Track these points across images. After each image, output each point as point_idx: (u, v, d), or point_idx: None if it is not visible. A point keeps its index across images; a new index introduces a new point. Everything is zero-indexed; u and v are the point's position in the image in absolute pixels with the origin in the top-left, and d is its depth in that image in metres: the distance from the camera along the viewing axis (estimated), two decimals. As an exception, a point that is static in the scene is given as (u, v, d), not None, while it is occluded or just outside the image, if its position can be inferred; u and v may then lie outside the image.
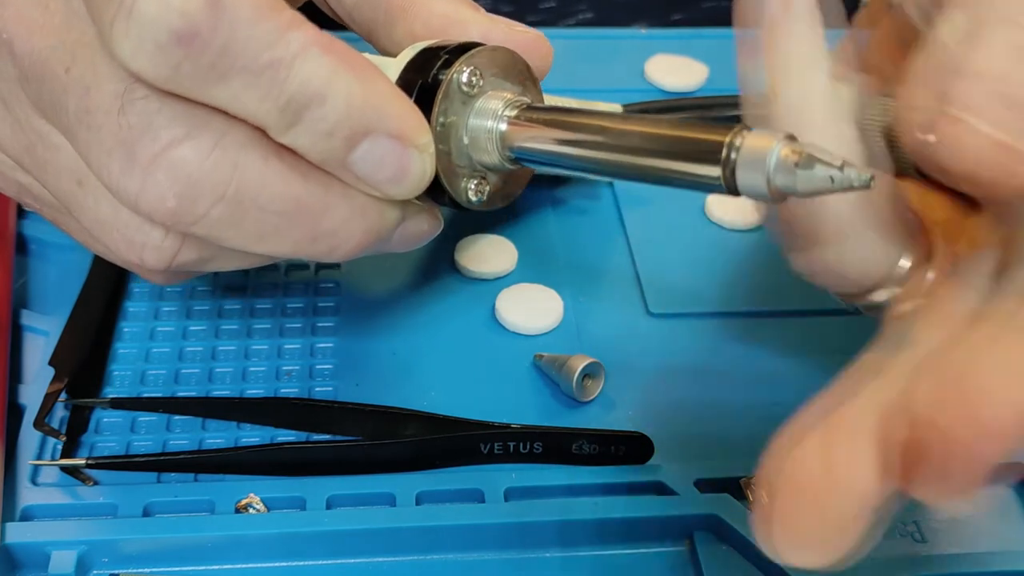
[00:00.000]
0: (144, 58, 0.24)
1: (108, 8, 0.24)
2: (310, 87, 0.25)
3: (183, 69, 0.24)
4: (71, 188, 0.28)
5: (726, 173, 0.22)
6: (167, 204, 0.26)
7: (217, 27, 0.24)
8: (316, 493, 0.33)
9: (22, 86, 0.28)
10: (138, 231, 0.28)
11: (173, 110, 0.25)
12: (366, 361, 0.38)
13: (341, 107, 0.25)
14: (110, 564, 0.31)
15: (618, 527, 0.32)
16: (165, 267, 0.29)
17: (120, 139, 0.26)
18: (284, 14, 0.25)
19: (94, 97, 0.26)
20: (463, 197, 0.28)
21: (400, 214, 0.28)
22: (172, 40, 0.24)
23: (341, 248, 0.28)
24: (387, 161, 0.26)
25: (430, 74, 0.27)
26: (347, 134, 0.26)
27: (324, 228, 0.27)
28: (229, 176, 0.26)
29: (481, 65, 0.27)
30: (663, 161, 0.24)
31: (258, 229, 0.27)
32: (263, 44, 0.24)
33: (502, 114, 0.28)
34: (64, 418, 0.35)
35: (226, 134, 0.26)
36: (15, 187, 0.31)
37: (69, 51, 0.26)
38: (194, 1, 0.23)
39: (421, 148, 0.27)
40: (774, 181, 0.21)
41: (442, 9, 0.30)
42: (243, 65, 0.24)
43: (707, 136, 0.23)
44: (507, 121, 0.28)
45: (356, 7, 0.31)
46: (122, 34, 0.24)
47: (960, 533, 0.33)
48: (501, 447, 0.34)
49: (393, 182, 0.27)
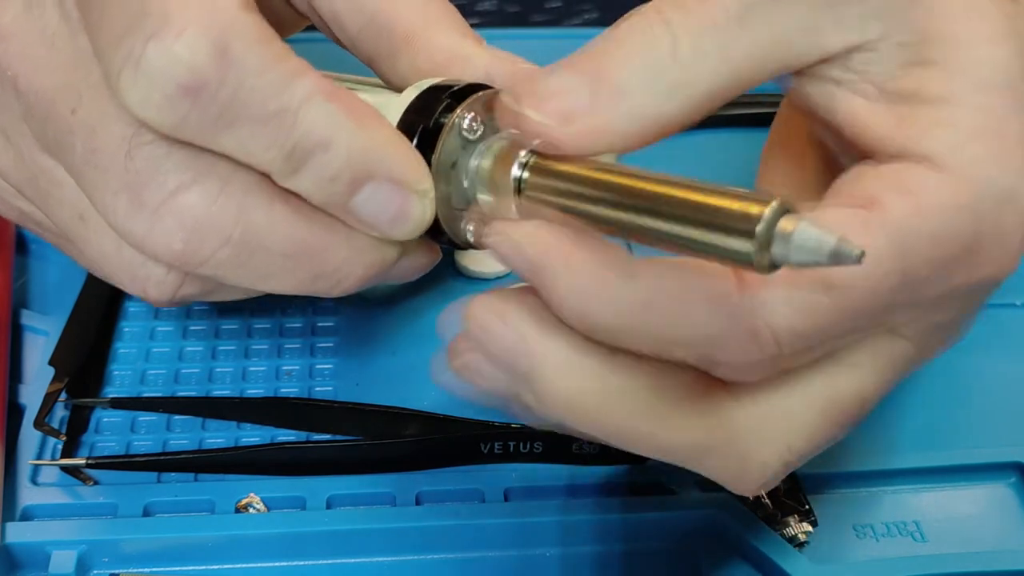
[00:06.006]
0: (152, 108, 0.24)
1: (115, 57, 0.24)
2: (314, 134, 0.25)
3: (190, 119, 0.24)
4: (74, 222, 0.29)
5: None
6: (174, 248, 0.26)
7: (224, 78, 0.24)
8: (316, 493, 0.33)
9: (26, 122, 0.28)
10: (141, 267, 0.28)
11: (180, 155, 0.26)
12: (366, 361, 0.38)
13: (344, 153, 0.26)
14: (110, 564, 0.31)
15: (618, 527, 0.32)
16: (167, 300, 0.29)
17: (127, 182, 0.26)
18: (289, 62, 0.25)
19: (100, 139, 0.26)
20: (461, 238, 0.29)
21: (399, 251, 0.29)
22: (179, 92, 0.24)
23: (342, 285, 0.28)
24: (388, 205, 0.27)
25: (432, 118, 0.27)
26: (350, 179, 0.26)
27: (326, 267, 0.28)
28: (235, 220, 0.26)
29: (483, 109, 0.27)
30: (686, 228, 0.22)
31: (263, 269, 0.27)
32: (269, 94, 0.24)
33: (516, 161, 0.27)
34: (64, 418, 0.35)
35: (231, 179, 0.26)
36: (17, 213, 0.31)
37: (75, 91, 0.27)
38: (201, 53, 0.24)
39: (421, 193, 0.27)
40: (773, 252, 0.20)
41: (445, 43, 0.30)
42: (249, 114, 0.24)
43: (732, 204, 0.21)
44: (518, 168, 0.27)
45: (359, 37, 0.31)
46: (130, 84, 0.24)
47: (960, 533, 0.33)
48: (501, 447, 0.34)
49: (394, 225, 0.27)
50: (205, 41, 0.24)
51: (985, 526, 0.34)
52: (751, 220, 0.20)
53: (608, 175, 0.24)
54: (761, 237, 0.20)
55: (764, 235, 0.20)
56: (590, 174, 0.24)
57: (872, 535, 0.33)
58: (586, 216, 0.24)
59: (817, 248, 0.20)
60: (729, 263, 0.21)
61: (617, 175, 0.23)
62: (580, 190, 0.24)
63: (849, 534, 0.33)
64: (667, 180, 0.22)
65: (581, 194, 0.24)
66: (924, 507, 0.34)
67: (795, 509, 0.32)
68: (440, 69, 0.29)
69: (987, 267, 0.25)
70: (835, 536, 0.33)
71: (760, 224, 0.20)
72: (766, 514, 0.32)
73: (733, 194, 0.21)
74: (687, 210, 0.22)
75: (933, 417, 0.36)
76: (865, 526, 0.33)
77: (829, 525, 0.33)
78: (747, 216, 0.21)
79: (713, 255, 0.22)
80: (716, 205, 0.21)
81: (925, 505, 0.34)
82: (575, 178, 0.24)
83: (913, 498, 0.34)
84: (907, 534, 0.33)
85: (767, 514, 0.32)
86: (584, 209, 0.24)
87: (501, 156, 0.26)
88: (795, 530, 0.32)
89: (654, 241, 0.23)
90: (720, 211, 0.21)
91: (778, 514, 0.32)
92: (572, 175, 0.24)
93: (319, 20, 0.31)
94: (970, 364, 0.38)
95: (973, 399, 0.37)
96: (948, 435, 0.36)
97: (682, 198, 0.22)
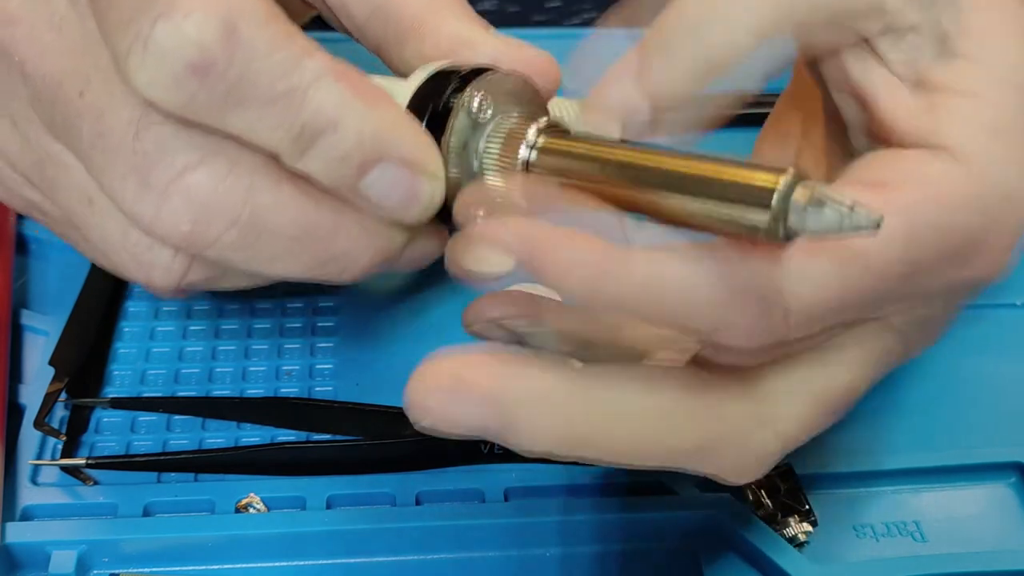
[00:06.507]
0: (160, 88, 0.24)
1: (124, 38, 0.24)
2: (323, 115, 0.25)
3: (198, 99, 0.24)
4: (80, 207, 0.28)
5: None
6: (182, 228, 0.26)
7: (233, 58, 0.24)
8: (316, 493, 0.33)
9: (33, 106, 0.28)
10: (147, 251, 0.28)
11: (188, 136, 0.25)
12: (366, 361, 0.38)
13: (353, 135, 0.25)
14: (110, 564, 0.31)
15: (618, 527, 0.32)
16: (173, 287, 0.29)
17: (135, 164, 0.26)
18: (298, 42, 0.25)
19: (108, 122, 0.26)
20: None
21: (408, 236, 0.29)
22: (188, 71, 0.24)
23: (350, 270, 0.28)
24: (397, 187, 0.26)
25: (441, 100, 0.27)
26: (359, 161, 0.26)
27: (334, 251, 0.27)
28: (243, 201, 0.26)
29: (491, 91, 0.27)
30: (699, 201, 0.22)
31: (270, 252, 0.27)
32: (278, 73, 0.24)
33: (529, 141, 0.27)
34: (64, 418, 0.35)
35: (240, 160, 0.26)
36: (23, 203, 0.31)
37: (83, 75, 0.26)
38: (210, 32, 0.23)
39: (431, 175, 0.27)
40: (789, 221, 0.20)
41: (453, 29, 0.30)
42: (258, 94, 0.24)
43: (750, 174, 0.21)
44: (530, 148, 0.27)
45: (366, 24, 0.30)
46: (138, 65, 0.24)
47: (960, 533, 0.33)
48: (501, 447, 0.34)
49: (403, 207, 0.27)
50: (213, 20, 0.24)
51: (985, 526, 0.34)
52: (766, 191, 0.20)
53: (619, 152, 0.24)
54: (777, 207, 0.20)
55: (780, 205, 0.20)
56: (601, 151, 0.24)
57: (872, 535, 0.33)
58: (597, 193, 0.24)
59: (833, 216, 0.20)
60: (745, 235, 0.21)
61: (628, 152, 0.23)
62: (591, 168, 0.24)
63: (849, 534, 0.33)
64: (678, 154, 0.22)
65: (591, 172, 0.24)
66: (924, 507, 0.34)
67: (795, 509, 0.32)
68: (447, 55, 0.29)
69: (982, 265, 0.26)
70: (835, 536, 0.33)
71: (775, 194, 0.20)
72: (766, 514, 0.32)
73: (748, 165, 0.21)
74: (700, 183, 0.22)
75: (933, 417, 0.36)
76: (865, 526, 0.33)
77: (829, 525, 0.33)
78: (762, 187, 0.21)
79: (729, 228, 0.21)
80: (730, 178, 0.21)
81: (925, 505, 0.34)
82: (586, 156, 0.24)
83: (913, 498, 0.34)
84: (907, 534, 0.33)
85: (767, 514, 0.32)
86: (595, 186, 0.24)
87: (511, 136, 0.26)
88: (795, 530, 0.32)
89: (667, 216, 0.23)
90: (735, 183, 0.21)
91: (778, 514, 0.32)
92: (583, 154, 0.24)
93: (326, 8, 0.31)
94: (970, 364, 0.38)
95: (973, 399, 0.37)
96: (948, 435, 0.36)
97: (695, 172, 0.22)
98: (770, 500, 0.32)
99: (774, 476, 0.33)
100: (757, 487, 0.33)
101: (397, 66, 0.31)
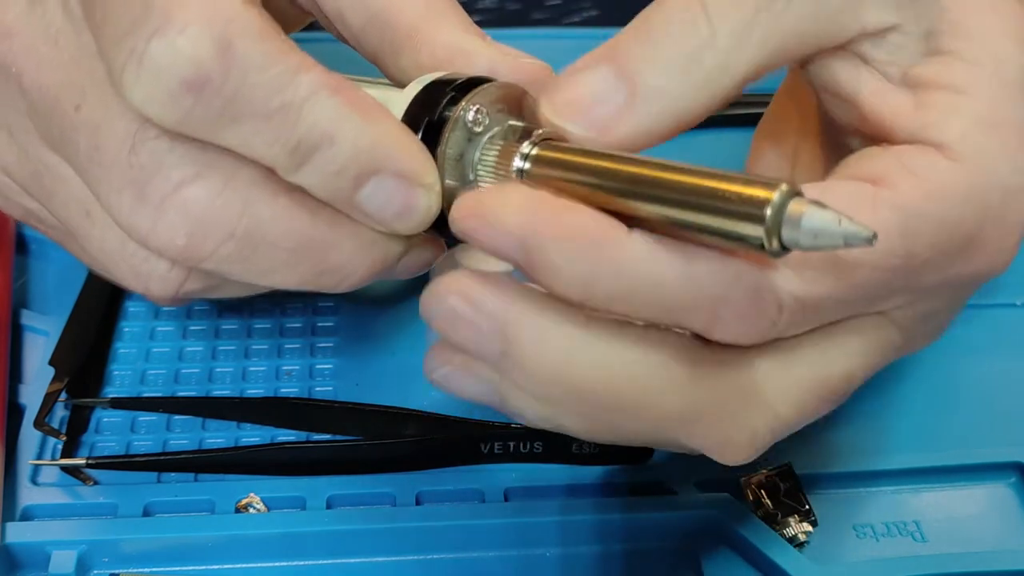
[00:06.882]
0: (155, 104, 0.24)
1: (119, 53, 0.24)
2: (319, 129, 0.25)
3: (194, 114, 0.24)
4: (78, 218, 0.29)
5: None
6: (178, 242, 0.26)
7: (228, 74, 0.24)
8: (316, 493, 0.33)
9: (30, 119, 0.28)
10: (145, 262, 0.28)
11: (183, 150, 0.26)
12: (366, 361, 0.38)
13: (349, 148, 0.25)
14: (110, 564, 0.31)
15: (618, 527, 0.32)
16: (171, 296, 0.29)
17: (131, 178, 0.26)
18: (293, 57, 0.25)
19: (104, 135, 0.26)
20: None
21: (404, 246, 0.29)
22: (183, 87, 0.24)
23: (347, 280, 0.28)
24: (394, 199, 0.26)
25: (436, 111, 0.27)
26: (355, 174, 0.26)
27: (331, 262, 0.27)
28: (239, 215, 0.26)
29: (487, 102, 0.27)
30: (697, 215, 0.22)
31: (267, 264, 0.27)
32: (273, 89, 0.24)
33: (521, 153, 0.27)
34: (64, 418, 0.35)
35: (236, 174, 0.26)
36: (21, 211, 0.31)
37: (79, 88, 0.27)
38: (205, 48, 0.24)
39: (427, 187, 0.27)
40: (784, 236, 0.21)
41: (449, 39, 0.30)
42: (253, 110, 0.24)
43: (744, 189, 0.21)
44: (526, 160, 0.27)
45: (362, 33, 0.30)
46: (133, 80, 0.24)
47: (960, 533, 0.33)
48: (501, 447, 0.34)
49: (399, 219, 0.27)
50: (208, 36, 0.24)
51: (985, 526, 0.34)
52: (760, 205, 0.21)
53: (614, 163, 0.24)
54: (771, 222, 0.20)
55: (774, 220, 0.20)
56: (596, 163, 0.24)
57: (872, 535, 0.33)
58: (592, 203, 0.24)
59: (827, 231, 0.20)
60: (739, 248, 0.22)
61: (624, 163, 0.23)
62: (586, 179, 0.24)
63: (849, 534, 0.33)
64: (673, 166, 0.23)
65: (587, 182, 0.24)
66: (924, 507, 0.34)
67: (795, 509, 0.32)
68: (443, 64, 0.29)
69: (984, 260, 0.26)
70: (835, 536, 0.33)
71: (769, 209, 0.20)
72: (766, 514, 0.32)
73: (742, 179, 0.21)
74: (695, 196, 0.22)
75: (933, 417, 0.36)
76: (865, 526, 0.33)
77: (829, 525, 0.33)
78: (756, 201, 0.21)
79: (723, 241, 0.22)
80: (725, 191, 0.21)
81: (925, 505, 0.34)
82: (580, 167, 0.24)
83: (913, 498, 0.34)
84: (907, 534, 0.33)
85: (767, 514, 0.32)
86: (589, 197, 0.24)
87: (506, 147, 0.26)
88: (795, 530, 0.32)
89: (661, 227, 0.23)
90: (729, 197, 0.21)
91: (778, 514, 0.32)
92: (578, 164, 0.24)
93: (323, 16, 0.31)
94: (970, 364, 0.38)
95: (973, 399, 0.37)
96: (949, 435, 0.36)
97: (690, 184, 0.22)
98: (770, 500, 0.32)
99: (774, 476, 0.33)
100: (757, 487, 0.33)
101: (393, 75, 0.31)
